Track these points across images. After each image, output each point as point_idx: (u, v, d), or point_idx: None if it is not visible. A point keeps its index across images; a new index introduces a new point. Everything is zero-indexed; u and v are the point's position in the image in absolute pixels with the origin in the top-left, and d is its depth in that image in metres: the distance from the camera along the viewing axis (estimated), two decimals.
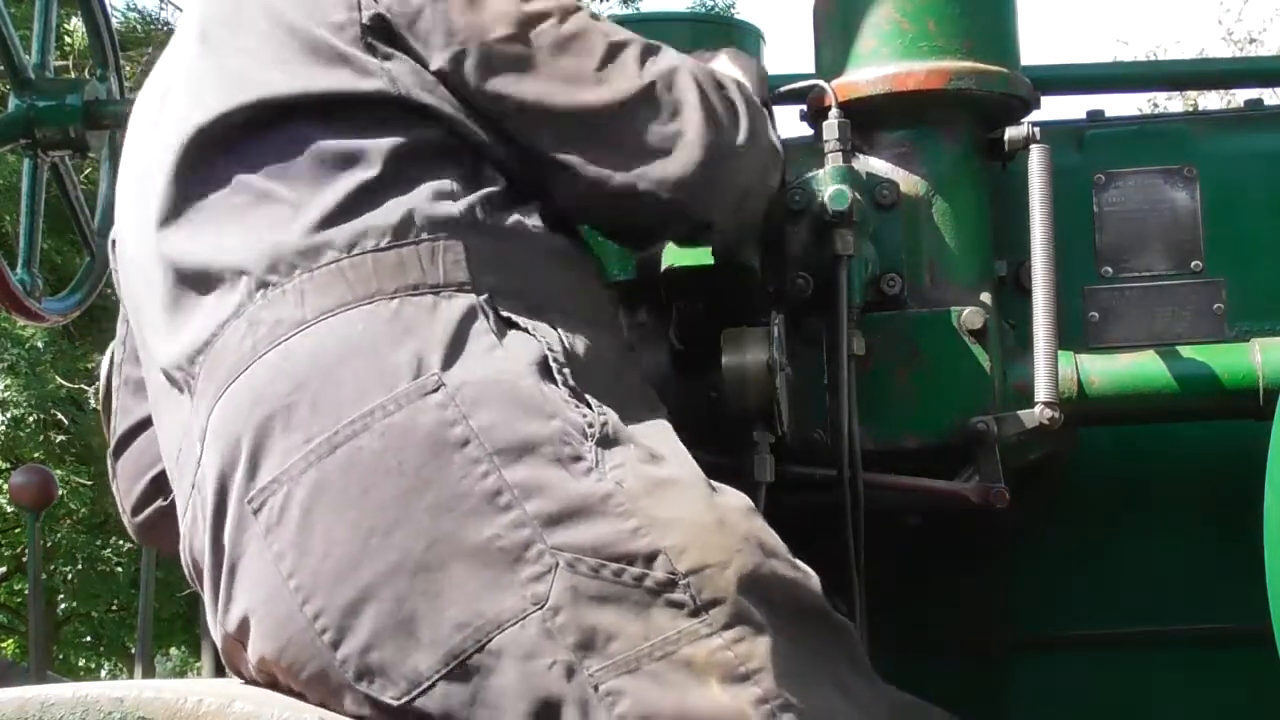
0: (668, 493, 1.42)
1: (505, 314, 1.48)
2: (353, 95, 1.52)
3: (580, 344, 1.51)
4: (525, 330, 1.48)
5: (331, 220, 1.49)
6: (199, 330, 1.52)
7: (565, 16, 1.60)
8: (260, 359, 1.46)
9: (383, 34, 1.54)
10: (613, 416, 1.45)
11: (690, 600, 1.37)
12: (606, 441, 1.42)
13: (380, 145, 1.51)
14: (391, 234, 1.48)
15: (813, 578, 1.49)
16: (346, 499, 1.39)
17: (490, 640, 1.36)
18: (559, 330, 1.50)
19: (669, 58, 1.66)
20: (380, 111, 1.53)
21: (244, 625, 1.47)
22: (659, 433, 1.51)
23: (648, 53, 1.65)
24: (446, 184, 1.52)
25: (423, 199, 1.51)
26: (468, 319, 1.46)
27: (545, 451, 1.40)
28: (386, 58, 1.53)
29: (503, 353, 1.45)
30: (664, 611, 1.37)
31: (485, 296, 1.48)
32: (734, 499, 1.48)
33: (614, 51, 1.62)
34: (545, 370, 1.45)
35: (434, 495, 1.38)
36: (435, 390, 1.40)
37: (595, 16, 1.66)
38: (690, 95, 1.64)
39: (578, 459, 1.40)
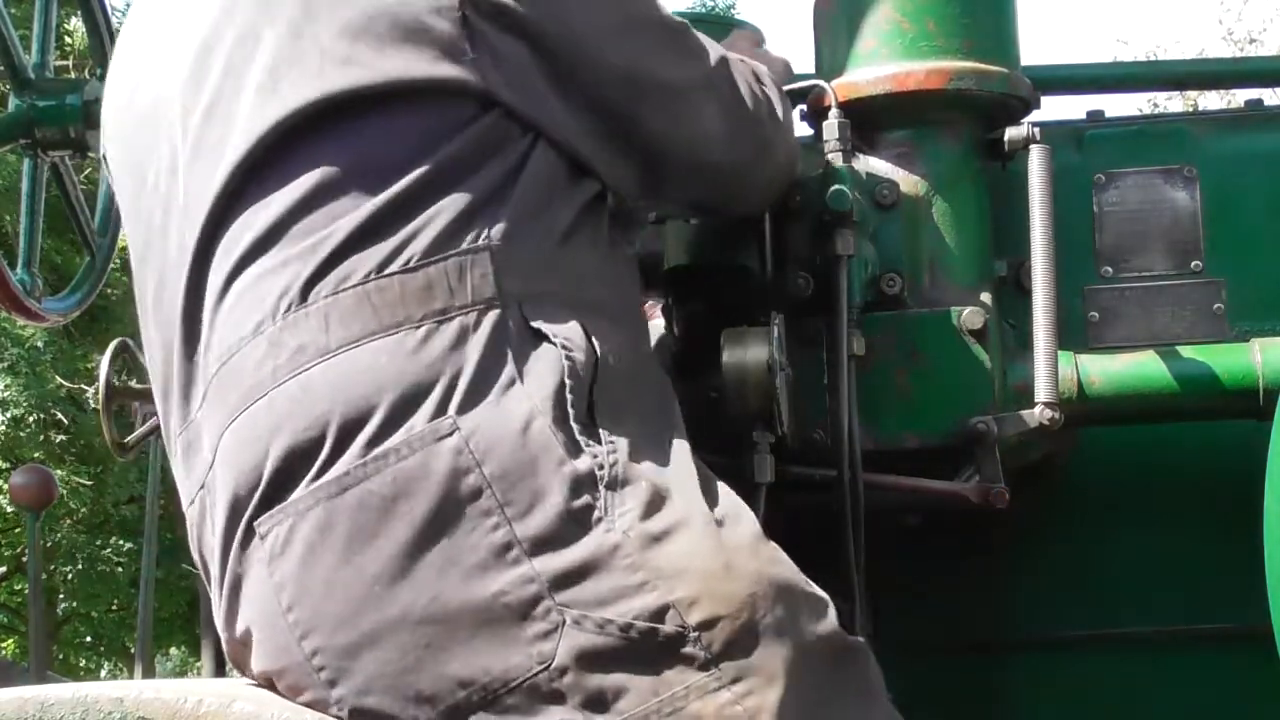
0: (674, 540, 1.39)
1: (534, 324, 1.45)
2: (430, 83, 1.47)
3: (608, 345, 1.48)
4: (551, 342, 1.44)
5: (361, 235, 1.45)
6: (215, 337, 1.49)
7: None
8: (279, 386, 1.43)
9: (483, 8, 1.49)
10: (624, 450, 1.42)
11: (700, 653, 1.35)
12: (616, 484, 1.40)
13: (438, 147, 1.47)
14: (422, 252, 1.44)
15: (826, 605, 1.46)
16: (353, 543, 1.37)
17: (495, 699, 1.34)
18: (589, 332, 1.47)
19: (716, 47, 1.75)
20: (453, 104, 1.48)
21: (246, 636, 1.46)
22: (671, 456, 1.48)
23: (700, 41, 1.72)
24: (489, 188, 1.48)
25: (461, 208, 1.46)
26: (490, 349, 1.42)
27: (555, 502, 1.37)
28: (480, 38, 1.48)
29: (520, 390, 1.41)
30: (673, 666, 1.35)
31: (514, 308, 1.45)
32: (742, 534, 1.45)
33: (681, 34, 1.69)
34: (561, 403, 1.41)
35: (443, 547, 1.36)
36: (450, 434, 1.37)
37: None
38: (742, 89, 1.74)
39: (587, 509, 1.38)
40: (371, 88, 1.47)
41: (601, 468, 1.40)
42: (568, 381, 1.42)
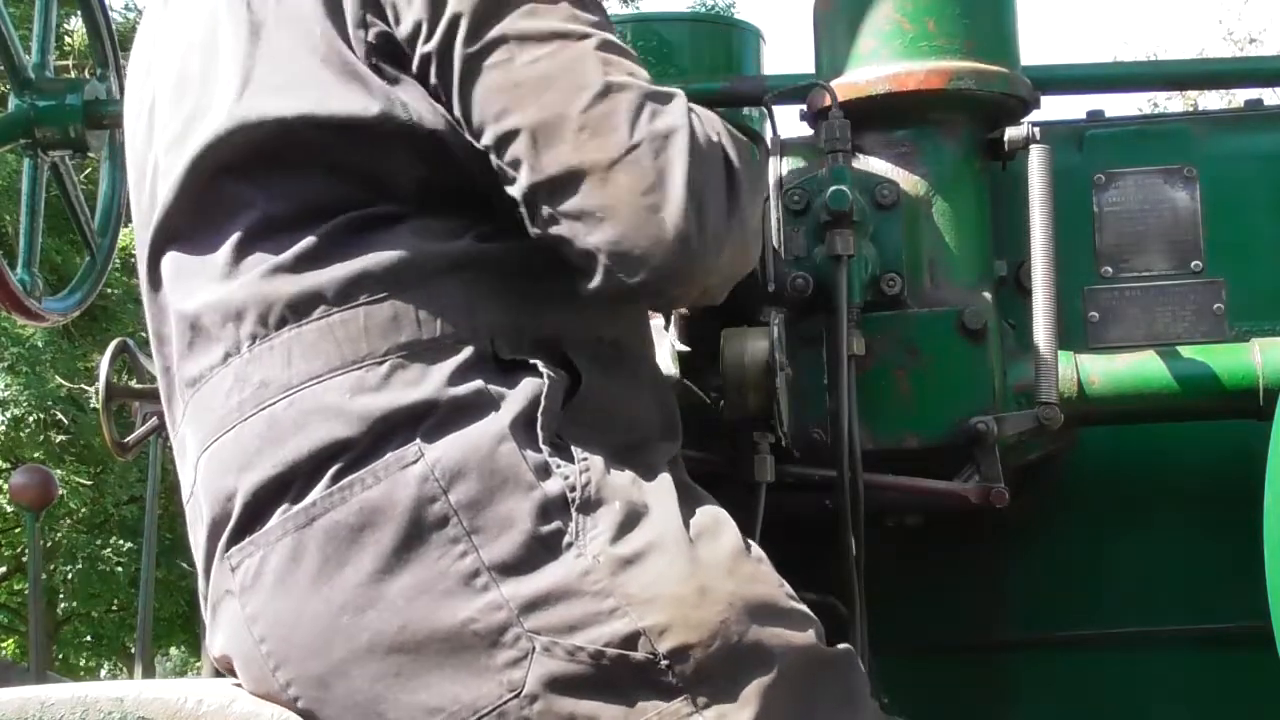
0: (646, 564, 1.36)
1: (505, 356, 1.42)
2: (362, 120, 1.42)
3: (589, 363, 1.45)
4: (522, 368, 1.41)
5: (326, 262, 1.41)
6: (186, 361, 1.49)
7: (566, 42, 1.40)
8: (246, 420, 1.42)
9: (387, 54, 1.43)
10: (597, 469, 1.39)
11: (672, 680, 1.33)
12: (587, 505, 1.37)
13: (385, 178, 1.43)
14: (388, 281, 1.40)
15: (806, 619, 1.43)
16: (322, 573, 1.36)
17: None
18: (565, 356, 1.44)
19: (670, 116, 1.39)
20: (389, 139, 1.43)
21: (226, 660, 1.47)
22: (649, 472, 1.44)
23: (646, 104, 1.39)
24: (451, 218, 1.45)
25: (425, 238, 1.43)
26: (457, 377, 1.39)
27: (524, 528, 1.34)
28: (394, 81, 1.43)
29: (489, 415, 1.38)
30: (644, 693, 1.33)
31: (485, 341, 1.41)
32: (719, 552, 1.41)
33: (607, 96, 1.38)
34: (531, 426, 1.38)
35: (410, 575, 1.34)
36: (415, 462, 1.35)
37: (609, 37, 1.43)
38: (677, 172, 1.37)
39: (557, 534, 1.35)
40: (311, 118, 1.43)
41: (573, 489, 1.37)
42: (542, 402, 1.39)
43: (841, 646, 1.46)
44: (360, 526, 1.35)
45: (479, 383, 1.39)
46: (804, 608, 1.44)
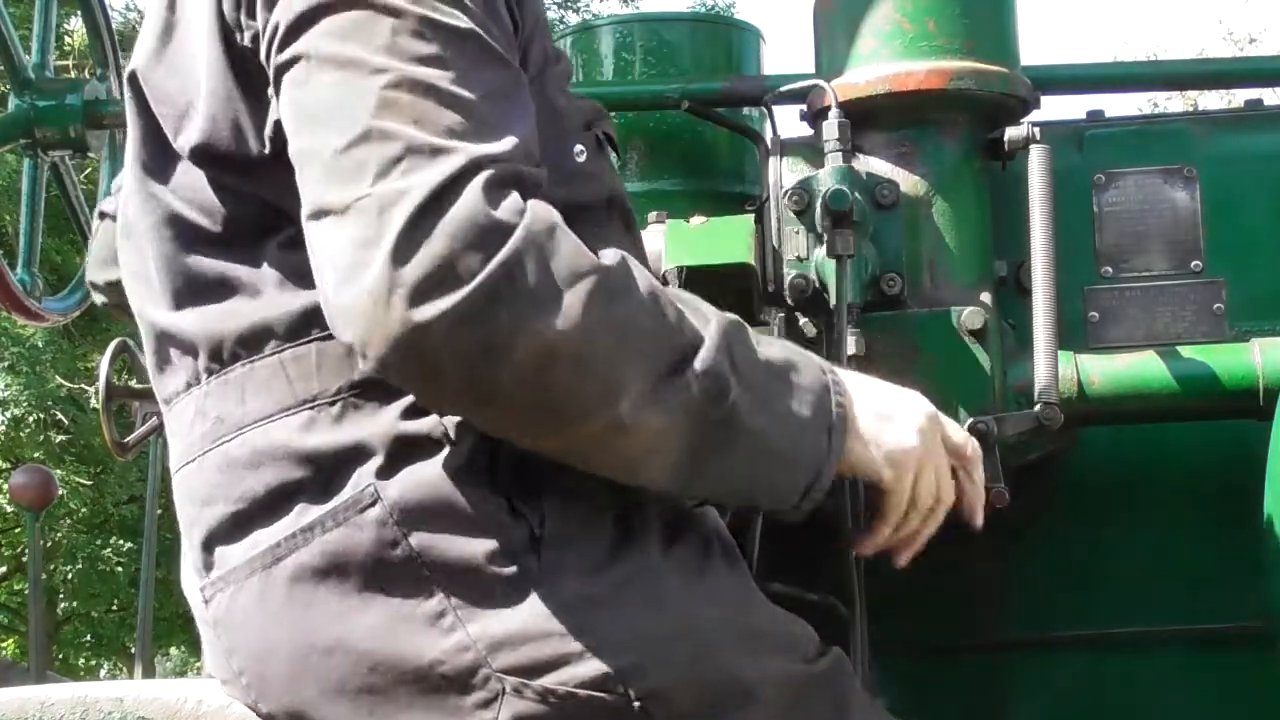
0: (619, 602, 1.33)
1: None
2: (236, 153, 1.38)
3: None
4: None
5: (273, 295, 1.38)
6: (158, 379, 1.48)
7: (355, 73, 1.27)
8: (206, 454, 1.41)
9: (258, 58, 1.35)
10: (565, 503, 1.34)
11: None
12: (555, 542, 1.33)
13: (293, 205, 1.33)
14: None
15: (790, 639, 1.41)
16: (288, 613, 1.35)
17: None
18: None
19: (419, 175, 1.22)
20: (274, 164, 1.36)
21: (216, 679, 1.47)
22: (622, 505, 1.38)
23: (406, 158, 1.23)
24: None
25: None
26: (412, 412, 1.34)
27: (489, 568, 1.31)
28: (266, 94, 1.36)
29: (446, 453, 1.33)
30: None
31: None
32: (696, 585, 1.38)
33: (365, 142, 1.24)
34: (492, 459, 1.34)
35: (376, 616, 1.32)
36: (373, 504, 1.32)
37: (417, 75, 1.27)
38: (391, 232, 1.20)
39: (524, 572, 1.31)
40: (194, 148, 1.40)
41: (540, 525, 1.33)
42: (499, 442, 1.34)
43: (826, 658, 1.44)
44: (325, 569, 1.33)
45: (433, 418, 1.34)
46: (786, 625, 1.42)
